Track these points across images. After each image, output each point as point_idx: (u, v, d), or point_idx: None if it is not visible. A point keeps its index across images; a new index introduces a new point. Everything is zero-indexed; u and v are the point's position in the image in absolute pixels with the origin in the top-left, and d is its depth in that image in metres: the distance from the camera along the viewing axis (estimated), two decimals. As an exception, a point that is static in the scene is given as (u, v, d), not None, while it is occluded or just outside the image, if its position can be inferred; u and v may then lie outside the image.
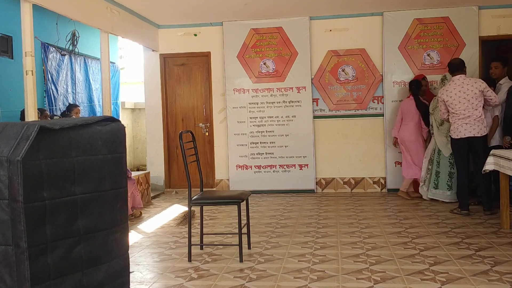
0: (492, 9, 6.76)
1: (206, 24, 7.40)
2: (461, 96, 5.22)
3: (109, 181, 2.11)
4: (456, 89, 5.26)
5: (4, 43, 5.68)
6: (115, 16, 5.95)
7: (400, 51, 6.94)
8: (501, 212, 4.70)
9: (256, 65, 7.24)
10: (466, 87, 5.22)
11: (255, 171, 7.24)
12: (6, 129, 1.82)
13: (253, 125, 7.23)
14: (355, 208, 5.90)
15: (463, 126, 5.23)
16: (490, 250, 3.93)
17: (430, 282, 3.24)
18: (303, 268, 3.61)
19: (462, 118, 5.23)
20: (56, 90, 6.63)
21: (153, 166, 7.65)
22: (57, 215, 1.86)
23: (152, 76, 7.65)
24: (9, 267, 1.76)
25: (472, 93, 5.18)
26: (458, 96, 5.24)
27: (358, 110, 7.12)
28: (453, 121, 5.35)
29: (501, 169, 4.55)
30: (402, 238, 4.40)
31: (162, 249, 4.31)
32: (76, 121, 2.01)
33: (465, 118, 5.22)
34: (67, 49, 6.81)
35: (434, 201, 6.06)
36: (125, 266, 2.24)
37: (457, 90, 5.26)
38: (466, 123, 5.21)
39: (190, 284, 3.35)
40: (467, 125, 5.21)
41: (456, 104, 5.24)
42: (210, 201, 4.02)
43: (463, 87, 5.23)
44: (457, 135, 5.29)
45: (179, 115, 7.67)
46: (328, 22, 7.14)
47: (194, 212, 5.38)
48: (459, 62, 5.37)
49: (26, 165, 1.73)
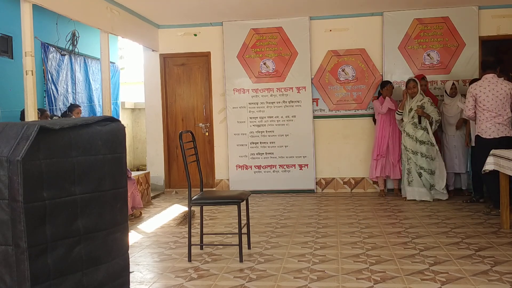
0: (492, 9, 6.76)
1: (206, 24, 7.40)
2: (494, 94, 5.18)
3: (109, 181, 2.11)
4: (490, 86, 5.21)
5: (4, 43, 5.68)
6: (115, 16, 5.95)
7: (400, 51, 6.94)
8: (501, 212, 4.70)
9: (256, 65, 7.24)
10: (500, 86, 5.19)
11: (255, 171, 7.24)
12: (6, 129, 1.82)
13: (253, 125, 7.23)
14: (355, 208, 5.90)
15: (496, 126, 5.18)
16: (490, 250, 3.93)
17: (430, 282, 3.24)
18: (303, 268, 3.61)
19: (494, 116, 5.17)
20: (56, 90, 6.63)
21: (153, 166, 7.65)
22: (57, 215, 1.86)
23: (152, 76, 7.65)
24: (9, 267, 1.76)
25: (505, 93, 5.18)
26: (492, 93, 5.19)
27: (358, 110, 7.12)
28: (482, 120, 5.24)
29: (501, 169, 4.55)
30: (402, 238, 4.40)
31: (162, 249, 4.31)
32: (76, 121, 2.01)
33: (497, 117, 5.17)
34: (67, 49, 6.81)
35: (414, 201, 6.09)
36: (125, 266, 2.24)
37: (490, 87, 5.20)
38: (499, 123, 5.17)
39: (190, 284, 3.35)
40: (500, 125, 5.17)
41: (488, 101, 5.19)
42: (210, 201, 4.02)
43: (497, 85, 5.20)
44: (489, 134, 5.20)
45: (179, 115, 7.67)
46: (328, 22, 7.14)
47: (194, 212, 5.38)
48: (493, 61, 5.36)
49: (26, 165, 1.73)
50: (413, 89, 6.12)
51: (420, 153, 6.03)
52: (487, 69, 5.31)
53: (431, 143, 6.01)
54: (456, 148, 6.28)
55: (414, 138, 6.06)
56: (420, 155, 6.02)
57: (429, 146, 6.01)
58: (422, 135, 6.02)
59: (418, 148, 6.02)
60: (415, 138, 6.05)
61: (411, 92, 6.13)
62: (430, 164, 6.02)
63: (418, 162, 6.03)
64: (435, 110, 6.05)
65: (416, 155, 6.05)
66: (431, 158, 6.02)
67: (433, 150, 6.03)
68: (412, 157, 6.06)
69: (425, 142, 6.01)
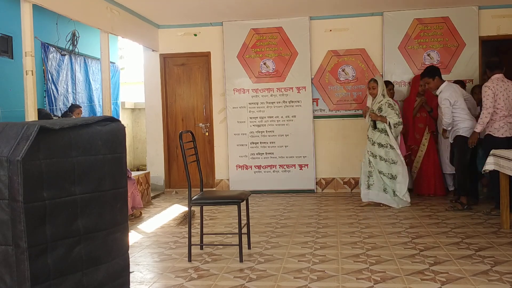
0: (492, 9, 6.76)
1: (206, 24, 7.40)
2: (506, 94, 5.21)
3: (109, 181, 2.11)
4: (503, 86, 5.23)
5: (4, 43, 5.67)
6: (115, 16, 5.95)
7: (400, 51, 6.94)
8: (501, 212, 4.70)
9: (256, 65, 7.24)
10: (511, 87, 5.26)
11: (255, 171, 7.24)
12: (6, 129, 1.82)
13: (253, 125, 7.23)
14: (355, 208, 5.90)
15: (508, 125, 5.21)
16: (490, 250, 3.93)
17: (430, 282, 3.24)
18: (303, 268, 3.61)
19: (506, 116, 5.20)
20: (56, 90, 6.62)
21: (153, 166, 7.65)
22: (57, 215, 1.86)
23: (152, 76, 7.65)
24: (9, 267, 1.76)
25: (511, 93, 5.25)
26: (507, 93, 5.22)
27: (358, 110, 7.11)
28: (494, 119, 5.23)
29: (501, 169, 4.55)
30: (402, 238, 4.40)
31: (162, 249, 4.31)
32: (76, 121, 2.01)
33: (508, 117, 5.21)
34: (67, 49, 6.81)
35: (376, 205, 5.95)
36: (125, 266, 2.24)
37: (503, 87, 5.23)
38: (510, 122, 5.22)
39: (190, 284, 3.35)
40: (511, 125, 5.23)
41: (503, 100, 5.20)
42: (210, 201, 4.02)
43: (509, 85, 5.25)
44: (502, 133, 5.21)
45: (179, 115, 7.67)
46: (328, 22, 7.14)
47: (194, 212, 5.38)
48: (499, 61, 5.38)
49: (26, 165, 1.73)
50: (372, 90, 5.76)
51: (379, 156, 5.72)
52: (496, 69, 5.32)
53: (390, 146, 5.67)
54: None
55: (371, 141, 5.79)
56: (379, 158, 5.72)
57: (388, 149, 5.68)
58: (379, 137, 5.71)
59: (377, 151, 5.72)
60: (373, 141, 5.77)
61: (371, 93, 5.79)
62: (390, 168, 5.69)
63: (377, 165, 5.74)
64: (394, 113, 5.65)
65: (375, 158, 5.75)
66: (391, 162, 5.68)
67: (394, 154, 5.67)
68: (372, 160, 5.77)
69: (384, 145, 5.69)
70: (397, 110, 5.71)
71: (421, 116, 6.49)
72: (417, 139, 6.50)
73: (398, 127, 5.73)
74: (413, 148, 6.54)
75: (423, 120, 6.48)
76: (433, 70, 5.62)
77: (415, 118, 6.48)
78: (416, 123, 6.50)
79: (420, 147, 6.49)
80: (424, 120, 6.48)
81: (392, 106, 5.70)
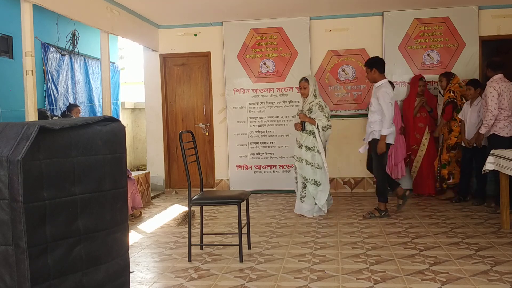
0: (492, 9, 6.76)
1: (206, 24, 7.40)
2: (509, 94, 5.26)
3: (109, 181, 2.11)
4: (506, 86, 5.27)
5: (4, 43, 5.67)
6: (115, 16, 5.95)
7: (400, 51, 6.94)
8: (501, 212, 4.70)
9: (256, 65, 7.24)
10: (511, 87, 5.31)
11: (255, 171, 7.24)
12: (6, 129, 1.82)
13: (253, 125, 7.23)
14: (355, 208, 5.90)
15: (511, 124, 5.28)
16: (490, 250, 3.93)
17: (430, 282, 3.24)
18: (303, 268, 3.61)
19: (509, 116, 5.26)
20: (56, 90, 6.62)
21: (153, 166, 7.65)
22: (57, 215, 1.86)
23: (152, 76, 7.65)
24: (9, 267, 1.76)
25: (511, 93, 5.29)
26: (509, 93, 5.27)
27: (358, 110, 7.11)
28: (499, 119, 5.27)
29: (501, 169, 4.55)
30: (402, 238, 4.40)
31: (162, 249, 4.31)
32: (76, 121, 2.01)
33: (510, 117, 5.27)
34: (67, 49, 6.81)
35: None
36: (125, 266, 2.24)
37: (506, 87, 5.27)
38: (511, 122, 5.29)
39: (190, 284, 3.35)
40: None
41: (507, 100, 5.25)
42: (210, 201, 4.02)
43: (510, 86, 5.28)
44: (506, 133, 5.28)
45: (179, 115, 7.67)
46: (328, 22, 7.14)
47: (194, 212, 5.38)
48: (500, 61, 5.40)
49: (26, 165, 1.73)
50: (303, 89, 5.44)
51: (305, 160, 5.38)
52: (498, 70, 5.35)
53: (317, 150, 5.35)
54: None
55: (299, 143, 5.45)
56: (305, 163, 5.38)
57: (315, 153, 5.35)
58: (306, 140, 5.37)
59: (303, 155, 5.38)
60: (300, 143, 5.43)
61: (302, 93, 5.47)
62: (315, 173, 5.35)
63: (302, 171, 5.40)
64: (324, 115, 5.33)
65: (301, 162, 5.41)
66: (316, 167, 5.35)
67: (319, 159, 5.35)
68: (297, 165, 5.46)
69: (311, 148, 5.35)
70: (327, 113, 5.38)
71: (421, 116, 6.49)
72: (417, 139, 6.51)
73: (327, 131, 5.39)
74: (413, 148, 6.54)
75: (423, 120, 6.49)
76: (374, 62, 5.31)
77: (415, 118, 6.48)
78: (416, 123, 6.50)
79: (420, 147, 6.49)
80: (424, 120, 6.49)
81: (322, 108, 5.37)
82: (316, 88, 5.46)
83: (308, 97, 5.43)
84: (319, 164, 5.37)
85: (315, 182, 5.38)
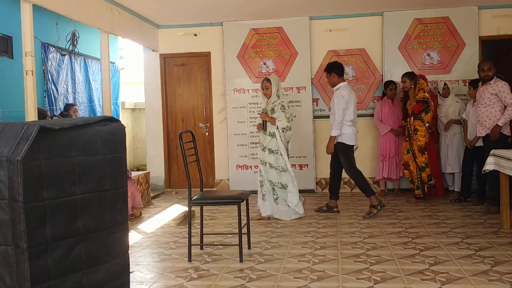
0: (492, 9, 6.76)
1: (206, 24, 7.40)
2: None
3: (109, 181, 2.11)
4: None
5: (4, 43, 5.67)
6: (115, 16, 5.95)
7: (400, 51, 6.94)
8: (501, 212, 4.70)
9: (256, 65, 7.24)
10: None
11: (255, 171, 7.23)
12: (6, 129, 1.82)
13: (253, 125, 7.22)
14: (355, 208, 5.90)
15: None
16: (490, 250, 3.93)
17: (430, 282, 3.24)
18: (303, 268, 3.61)
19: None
20: (56, 90, 6.63)
21: (153, 166, 7.65)
22: (57, 215, 1.86)
23: (152, 76, 7.65)
24: (9, 267, 1.76)
25: None
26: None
27: (358, 110, 7.09)
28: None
29: (501, 169, 4.55)
30: (402, 238, 4.40)
31: (162, 249, 4.31)
32: (76, 121, 2.01)
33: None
34: (67, 49, 6.81)
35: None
36: (125, 266, 2.24)
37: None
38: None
39: (190, 284, 3.35)
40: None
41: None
42: (210, 201, 4.02)
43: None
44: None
45: (179, 115, 7.67)
46: (328, 22, 7.14)
47: (194, 212, 5.38)
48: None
49: (26, 165, 1.73)
50: (266, 90, 5.26)
51: (269, 164, 5.21)
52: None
53: (280, 152, 5.19)
54: (448, 148, 6.28)
55: (262, 146, 5.28)
56: (269, 166, 5.21)
57: (278, 156, 5.19)
58: (270, 142, 5.20)
59: (267, 158, 5.21)
60: (263, 146, 5.25)
61: (265, 93, 5.29)
62: (281, 176, 5.20)
63: (267, 174, 5.24)
64: (284, 116, 5.17)
65: (265, 165, 5.23)
66: (280, 170, 5.19)
67: (282, 161, 5.20)
68: (262, 168, 5.27)
69: (274, 151, 5.19)
70: (289, 114, 5.22)
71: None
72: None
73: (287, 132, 5.22)
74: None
75: (423, 120, 6.48)
76: (333, 66, 5.42)
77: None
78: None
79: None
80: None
81: (285, 108, 5.20)
82: (279, 88, 5.33)
83: (271, 98, 5.28)
84: (283, 167, 5.21)
85: (282, 185, 5.24)
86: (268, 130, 5.23)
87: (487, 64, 5.35)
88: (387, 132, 6.57)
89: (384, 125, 6.59)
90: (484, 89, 5.38)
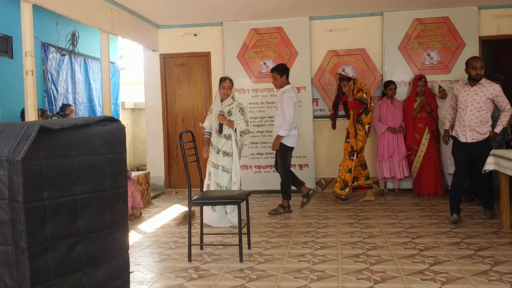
0: (492, 9, 6.76)
1: (206, 24, 7.40)
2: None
3: (109, 181, 2.11)
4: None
5: (4, 43, 5.68)
6: (115, 16, 5.95)
7: (400, 51, 6.94)
8: (501, 212, 4.71)
9: (256, 65, 7.24)
10: None
11: (255, 171, 7.24)
12: (6, 129, 1.82)
13: (253, 125, 7.22)
14: (355, 208, 5.90)
15: None
16: (490, 250, 3.93)
17: (430, 282, 3.24)
18: (303, 268, 3.61)
19: None
20: (56, 90, 6.63)
21: (153, 166, 7.64)
22: (57, 215, 1.86)
23: (152, 76, 7.65)
24: (9, 267, 1.76)
25: None
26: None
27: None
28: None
29: (501, 169, 4.55)
30: (402, 238, 4.40)
31: (162, 249, 4.31)
32: (76, 121, 2.01)
33: None
34: (67, 49, 6.81)
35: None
36: (125, 266, 2.24)
37: None
38: None
39: (190, 284, 3.35)
40: None
41: None
42: (210, 201, 4.02)
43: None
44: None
45: (179, 115, 7.67)
46: (328, 22, 7.14)
47: (194, 212, 5.38)
48: None
49: (26, 165, 1.73)
50: (228, 90, 5.04)
51: (221, 167, 4.99)
52: None
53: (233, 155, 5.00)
54: (449, 149, 6.27)
55: (216, 149, 5.03)
56: (221, 169, 4.99)
57: (231, 158, 5.00)
58: (225, 145, 5.00)
59: (220, 161, 4.98)
60: (218, 149, 5.02)
61: (225, 93, 5.06)
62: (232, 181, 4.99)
63: (217, 178, 4.99)
64: (243, 119, 5.03)
65: (216, 169, 5.00)
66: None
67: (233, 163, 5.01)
68: (212, 171, 5.02)
69: (229, 154, 4.99)
70: (246, 117, 5.10)
71: (421, 116, 6.50)
72: (417, 139, 6.51)
73: (245, 136, 5.07)
74: (413, 148, 6.54)
75: (423, 120, 6.49)
76: (284, 68, 5.58)
77: (415, 118, 6.50)
78: (416, 123, 6.51)
79: (420, 147, 6.50)
80: (424, 120, 6.49)
81: (243, 111, 5.06)
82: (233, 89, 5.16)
83: (227, 99, 5.08)
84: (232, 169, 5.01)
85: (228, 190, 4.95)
86: (224, 133, 5.02)
87: (480, 61, 4.77)
88: (384, 131, 6.57)
89: (382, 124, 6.59)
90: (476, 91, 4.77)
